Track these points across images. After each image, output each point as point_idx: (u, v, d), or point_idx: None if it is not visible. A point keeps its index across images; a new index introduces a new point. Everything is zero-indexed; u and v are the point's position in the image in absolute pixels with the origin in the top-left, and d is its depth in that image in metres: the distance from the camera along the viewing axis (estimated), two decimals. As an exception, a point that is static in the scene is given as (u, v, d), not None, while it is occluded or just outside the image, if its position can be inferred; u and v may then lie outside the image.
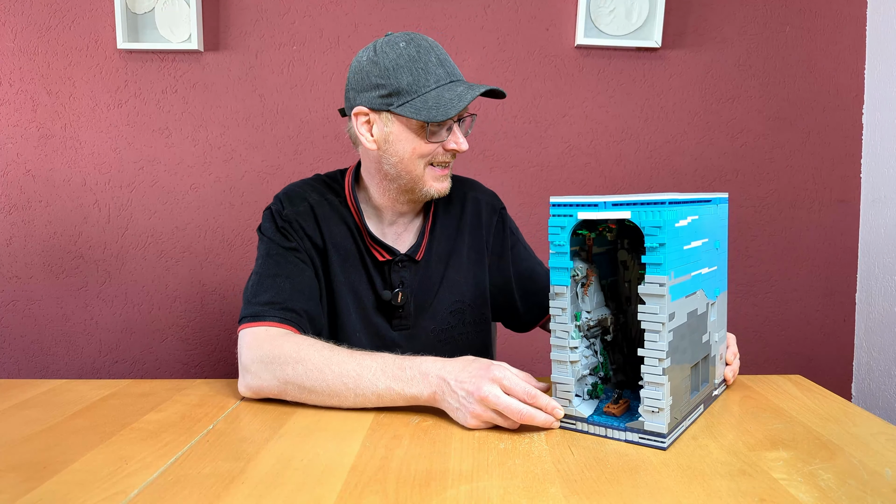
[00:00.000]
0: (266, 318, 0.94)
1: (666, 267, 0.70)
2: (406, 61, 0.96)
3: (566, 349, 0.78)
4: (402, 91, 0.95)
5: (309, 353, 0.86)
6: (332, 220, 1.06)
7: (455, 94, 0.95)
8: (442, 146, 1.00)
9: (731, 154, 1.86)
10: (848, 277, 1.90)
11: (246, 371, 0.90)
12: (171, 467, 0.69)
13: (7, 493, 0.63)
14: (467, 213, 1.14)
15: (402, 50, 0.96)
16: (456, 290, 1.11)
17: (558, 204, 0.77)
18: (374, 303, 1.07)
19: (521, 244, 1.19)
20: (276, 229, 1.04)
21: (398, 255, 1.06)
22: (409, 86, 0.95)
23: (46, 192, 1.82)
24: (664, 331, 0.71)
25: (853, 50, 1.85)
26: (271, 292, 0.97)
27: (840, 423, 0.80)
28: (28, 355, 1.85)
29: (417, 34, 1.00)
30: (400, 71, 0.95)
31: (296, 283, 1.00)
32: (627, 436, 0.74)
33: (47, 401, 0.92)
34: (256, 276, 1.01)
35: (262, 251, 1.04)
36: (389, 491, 0.63)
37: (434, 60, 0.97)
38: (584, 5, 1.75)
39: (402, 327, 1.09)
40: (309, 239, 1.05)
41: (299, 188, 1.09)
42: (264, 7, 1.79)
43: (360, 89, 0.99)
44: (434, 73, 0.96)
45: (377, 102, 0.97)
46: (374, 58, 0.97)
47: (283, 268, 1.00)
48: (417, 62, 0.96)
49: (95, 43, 1.78)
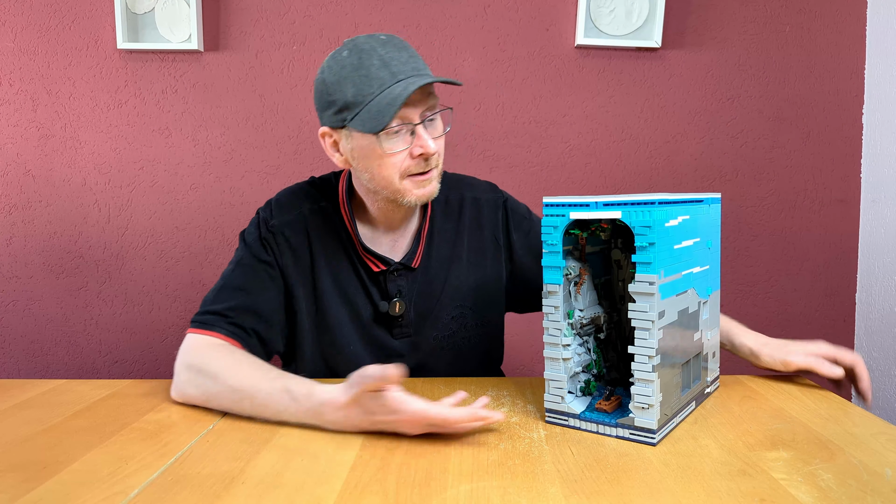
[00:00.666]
0: (213, 328, 0.93)
1: (655, 266, 0.71)
2: (349, 72, 0.89)
3: (559, 346, 0.80)
4: (350, 104, 0.90)
5: (232, 373, 0.85)
6: (325, 231, 1.03)
7: (392, 97, 0.87)
8: (409, 153, 0.93)
9: (731, 154, 1.86)
10: (848, 277, 1.90)
11: (176, 375, 0.90)
12: (171, 467, 0.69)
13: (7, 493, 0.63)
14: (466, 215, 1.10)
15: (345, 60, 0.90)
16: (458, 296, 1.08)
17: (551, 204, 0.78)
18: (373, 314, 1.05)
19: (536, 224, 1.14)
20: (258, 238, 1.02)
21: (393, 265, 1.03)
22: (355, 97, 0.89)
23: (46, 192, 1.82)
24: (654, 328, 0.72)
25: (853, 50, 1.85)
26: (228, 304, 0.96)
27: (840, 423, 0.80)
28: (28, 355, 1.85)
29: (366, 37, 0.93)
30: (344, 83, 0.90)
31: (255, 301, 0.97)
32: (618, 432, 0.75)
33: (47, 401, 0.92)
34: (220, 283, 1.00)
35: (236, 257, 1.02)
36: (389, 491, 0.63)
37: (377, 63, 0.89)
38: (584, 5, 1.75)
39: (404, 335, 1.06)
40: (292, 252, 1.02)
41: (294, 196, 1.06)
42: (264, 7, 1.79)
43: (320, 109, 0.95)
44: (377, 78, 0.89)
45: (334, 120, 0.93)
46: (322, 75, 0.93)
47: (248, 282, 0.98)
48: (359, 69, 0.89)
49: (95, 43, 1.78)
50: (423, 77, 0.90)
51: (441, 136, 0.98)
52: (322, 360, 1.06)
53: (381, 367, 0.72)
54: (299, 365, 1.07)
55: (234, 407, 0.84)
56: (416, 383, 0.98)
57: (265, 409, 0.81)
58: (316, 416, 0.78)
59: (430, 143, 0.92)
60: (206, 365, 0.87)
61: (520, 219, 1.13)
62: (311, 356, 1.06)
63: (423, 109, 0.92)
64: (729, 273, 1.88)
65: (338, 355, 1.05)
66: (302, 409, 0.79)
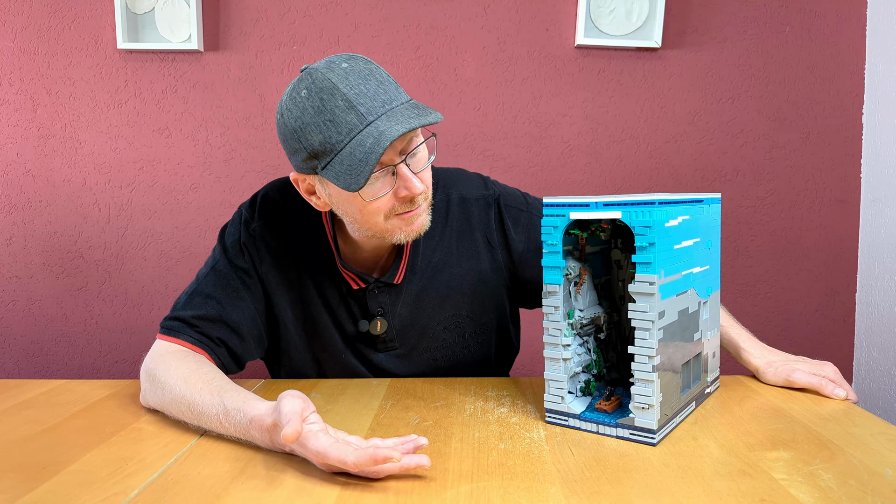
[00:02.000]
0: (179, 336, 0.91)
1: (655, 266, 0.71)
2: (311, 117, 0.81)
3: (559, 347, 0.79)
4: (319, 153, 0.82)
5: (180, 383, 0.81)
6: (308, 238, 0.99)
7: (365, 150, 0.78)
8: (393, 195, 0.85)
9: (731, 154, 1.86)
10: (848, 277, 1.90)
11: (141, 382, 0.89)
12: (171, 467, 0.69)
13: (7, 493, 0.63)
14: (453, 217, 1.03)
15: (305, 103, 0.81)
16: (449, 304, 1.02)
17: (551, 204, 0.78)
18: (355, 331, 1.01)
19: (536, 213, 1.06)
20: (237, 242, 0.97)
21: (371, 283, 0.98)
22: (322, 145, 0.81)
23: (46, 192, 1.82)
24: (654, 329, 0.72)
25: (853, 50, 1.85)
26: (197, 311, 0.93)
27: (840, 423, 0.80)
28: (28, 355, 1.85)
29: (325, 68, 0.83)
30: (308, 130, 0.81)
31: (225, 310, 0.93)
32: (618, 432, 0.75)
33: (47, 401, 0.92)
34: (194, 285, 0.96)
35: (211, 261, 0.98)
36: (389, 491, 0.63)
37: (341, 105, 0.80)
38: (584, 5, 1.75)
39: (389, 349, 1.03)
40: (274, 259, 0.98)
41: (280, 193, 1.00)
42: (264, 7, 1.79)
43: (287, 152, 0.87)
44: (345, 123, 0.80)
45: (304, 167, 0.85)
46: (282, 118, 0.84)
47: (221, 290, 0.94)
48: (322, 114, 0.80)
49: (95, 43, 1.78)
50: (396, 120, 0.80)
51: (426, 168, 0.89)
52: (314, 363, 1.04)
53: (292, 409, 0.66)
54: (287, 367, 1.05)
55: (182, 416, 0.80)
56: (416, 383, 0.98)
57: (205, 420, 0.77)
58: (245, 432, 0.73)
59: (416, 183, 0.84)
60: (161, 374, 0.84)
61: (516, 213, 1.05)
62: (301, 359, 1.04)
63: (404, 146, 0.84)
64: (729, 273, 1.88)
65: (330, 359, 1.03)
66: (232, 424, 0.74)
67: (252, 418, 0.72)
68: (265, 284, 0.98)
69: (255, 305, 0.97)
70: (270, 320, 1.00)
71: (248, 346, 0.97)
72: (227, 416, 0.74)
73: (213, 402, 0.77)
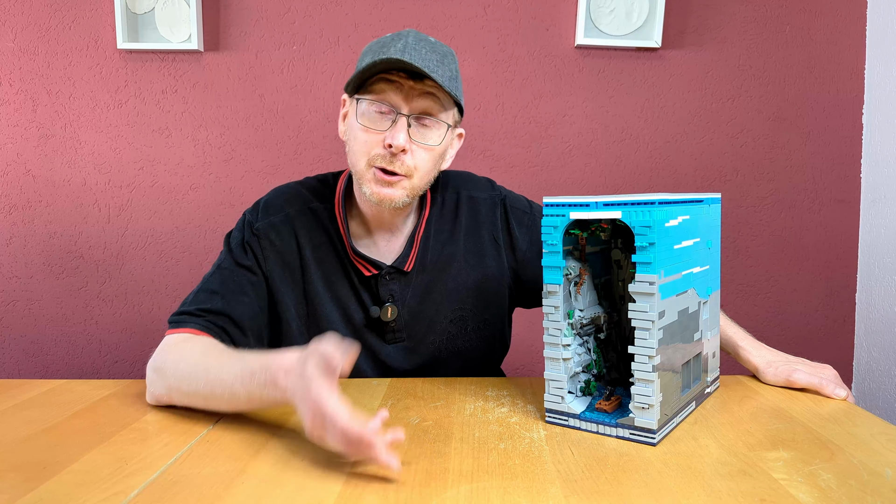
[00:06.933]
0: (185, 325, 0.92)
1: (655, 266, 0.71)
2: (373, 45, 0.93)
3: (559, 346, 0.79)
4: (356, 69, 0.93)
5: (194, 359, 0.83)
6: (314, 233, 1.01)
7: (372, 62, 0.88)
8: (382, 140, 0.91)
9: (730, 154, 1.86)
10: (848, 277, 1.90)
11: (147, 377, 0.89)
12: (171, 467, 0.69)
13: (7, 493, 0.63)
14: (462, 214, 1.07)
15: (381, 37, 0.95)
16: (455, 298, 1.05)
17: (551, 204, 0.78)
18: (364, 319, 1.03)
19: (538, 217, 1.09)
20: (241, 242, 1.00)
21: (384, 269, 1.01)
22: (361, 61, 0.94)
23: (46, 192, 1.82)
24: (654, 329, 0.72)
25: (853, 50, 1.85)
26: (202, 306, 0.95)
27: (840, 423, 0.80)
28: (28, 355, 1.85)
29: (411, 29, 0.97)
30: (365, 54, 0.94)
31: (229, 305, 0.95)
32: (618, 432, 0.75)
33: (47, 401, 0.92)
34: (200, 285, 0.98)
35: (218, 260, 1.01)
36: (389, 491, 0.63)
37: (390, 39, 0.91)
38: (584, 5, 1.75)
39: (397, 340, 1.04)
40: (279, 256, 1.00)
41: (283, 196, 1.04)
42: (264, 7, 1.79)
43: None
44: (382, 47, 0.91)
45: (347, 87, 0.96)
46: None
47: (224, 286, 0.97)
48: (379, 42, 0.92)
49: (95, 43, 1.78)
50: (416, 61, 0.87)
51: (425, 146, 0.93)
52: None
53: (333, 345, 0.65)
54: None
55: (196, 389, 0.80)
56: (415, 383, 0.98)
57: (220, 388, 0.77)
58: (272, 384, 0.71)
59: (399, 136, 0.89)
60: (171, 359, 0.85)
61: (520, 214, 1.09)
62: None
63: (416, 104, 0.91)
64: (729, 273, 1.88)
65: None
66: (251, 376, 0.73)
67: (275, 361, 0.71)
68: (269, 281, 1.00)
69: (258, 302, 0.99)
70: (273, 317, 1.02)
71: (249, 341, 0.98)
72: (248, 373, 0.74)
73: (232, 362, 0.78)
